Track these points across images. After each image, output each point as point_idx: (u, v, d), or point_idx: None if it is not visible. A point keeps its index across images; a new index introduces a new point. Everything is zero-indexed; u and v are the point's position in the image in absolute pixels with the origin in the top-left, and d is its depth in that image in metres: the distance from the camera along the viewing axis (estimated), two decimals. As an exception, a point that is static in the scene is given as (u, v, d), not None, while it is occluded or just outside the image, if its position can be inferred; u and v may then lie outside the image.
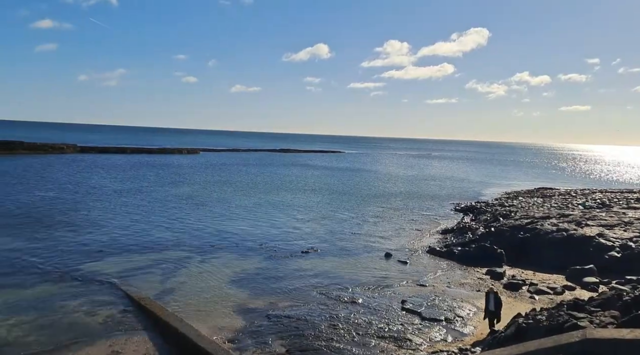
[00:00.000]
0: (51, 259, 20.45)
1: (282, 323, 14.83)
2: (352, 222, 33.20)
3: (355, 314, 15.80)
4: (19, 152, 77.43)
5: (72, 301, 15.86)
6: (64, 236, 24.64)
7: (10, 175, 48.80)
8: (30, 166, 58.68)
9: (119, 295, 16.67)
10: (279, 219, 32.88)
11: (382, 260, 23.23)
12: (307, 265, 21.64)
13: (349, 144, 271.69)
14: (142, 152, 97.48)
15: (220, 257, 22.45)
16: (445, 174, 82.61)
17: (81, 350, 12.39)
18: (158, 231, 27.09)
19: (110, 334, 13.49)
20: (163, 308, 15.35)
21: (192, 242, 24.94)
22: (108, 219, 29.67)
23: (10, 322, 13.84)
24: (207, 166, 74.83)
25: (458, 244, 26.10)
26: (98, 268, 19.61)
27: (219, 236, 26.70)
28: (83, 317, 14.66)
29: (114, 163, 70.37)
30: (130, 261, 20.98)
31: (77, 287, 17.33)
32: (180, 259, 21.69)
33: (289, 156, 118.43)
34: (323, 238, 27.49)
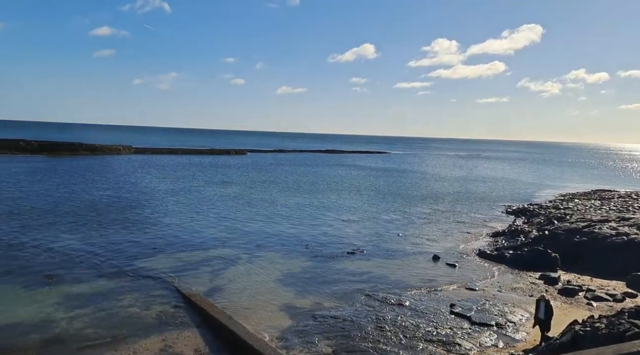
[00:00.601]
0: (108, 255, 21.41)
1: (328, 323, 14.85)
2: (399, 223, 32.82)
3: (402, 316, 15.60)
4: (80, 153, 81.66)
5: (127, 296, 16.52)
6: (120, 233, 25.73)
7: (73, 174, 51.52)
8: (90, 166, 61.72)
9: (171, 291, 17.21)
10: (324, 219, 32.97)
11: (429, 263, 22.82)
12: (353, 266, 21.57)
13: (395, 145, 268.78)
14: (193, 153, 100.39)
15: (266, 256, 22.76)
16: (495, 175, 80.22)
17: (136, 343, 12.88)
18: (207, 230, 27.78)
19: (163, 329, 13.96)
20: (212, 305, 15.73)
21: (240, 241, 25.42)
22: (160, 217, 30.74)
23: (70, 315, 14.59)
24: (254, 167, 76.13)
25: (509, 248, 25.26)
26: (151, 264, 20.35)
27: (265, 235, 27.08)
28: (138, 311, 15.23)
29: (166, 163, 72.86)
30: (181, 258, 21.63)
31: (132, 282, 18.03)
32: (228, 257, 22.15)
33: (335, 157, 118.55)
34: (369, 239, 27.33)
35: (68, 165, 61.74)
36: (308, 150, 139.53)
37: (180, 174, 58.31)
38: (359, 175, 70.10)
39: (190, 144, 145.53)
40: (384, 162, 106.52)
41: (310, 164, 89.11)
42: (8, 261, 19.73)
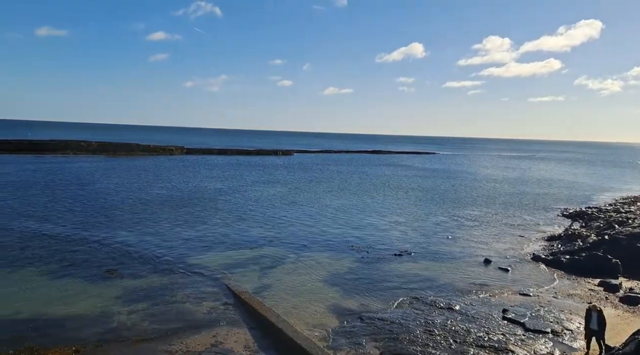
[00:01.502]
0: (162, 252, 22.19)
1: (376, 325, 14.74)
2: (447, 225, 32.14)
3: (452, 320, 15.26)
4: (136, 154, 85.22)
5: (179, 292, 17.06)
6: (173, 231, 26.61)
7: (129, 174, 53.82)
8: (145, 166, 64.24)
9: (221, 289, 17.62)
10: (371, 220, 32.76)
11: (480, 267, 22.20)
12: (401, 268, 21.31)
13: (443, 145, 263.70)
14: (241, 154, 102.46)
15: (313, 256, 22.87)
16: (551, 176, 77.06)
17: (188, 338, 13.27)
18: (255, 229, 28.25)
19: (213, 325, 14.32)
20: (261, 303, 15.97)
21: (287, 241, 25.68)
22: (211, 215, 31.55)
23: (128, 309, 15.22)
24: (300, 167, 76.76)
25: (566, 252, 24.18)
26: (202, 262, 20.92)
27: (311, 235, 27.23)
28: (190, 307, 15.70)
29: (216, 163, 74.75)
30: (231, 256, 22.11)
31: (184, 278, 18.61)
32: (275, 257, 22.44)
33: (381, 157, 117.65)
34: (417, 241, 26.92)
35: (125, 165, 64.54)
36: (354, 151, 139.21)
37: (229, 174, 59.63)
38: (405, 176, 69.22)
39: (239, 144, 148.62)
40: (432, 162, 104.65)
41: (357, 164, 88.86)
42: (72, 255, 20.85)
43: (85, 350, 12.18)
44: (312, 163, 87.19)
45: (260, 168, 71.13)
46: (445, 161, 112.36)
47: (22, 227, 25.67)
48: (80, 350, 12.11)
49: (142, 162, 71.58)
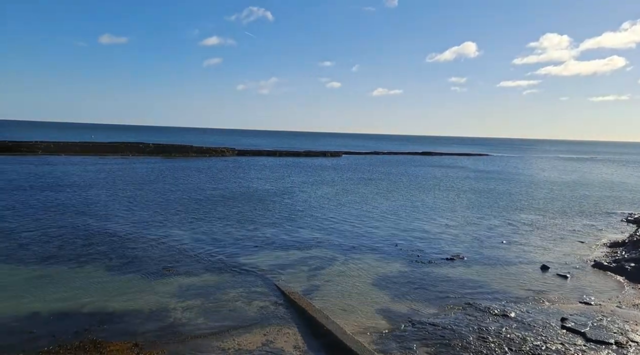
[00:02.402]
0: (215, 250, 22.81)
1: (427, 330, 14.49)
2: (502, 230, 31.12)
3: (507, 328, 14.76)
4: (190, 155, 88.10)
5: (231, 290, 17.46)
6: (225, 230, 27.27)
7: (184, 174, 55.72)
8: (199, 167, 66.29)
9: (271, 288, 17.88)
10: (421, 222, 32.24)
11: (537, 273, 21.34)
12: (453, 273, 20.84)
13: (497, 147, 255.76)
14: (290, 155, 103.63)
15: (361, 258, 22.78)
16: (613, 179, 73.01)
17: (240, 336, 13.56)
18: (304, 230, 28.48)
19: (264, 323, 14.55)
20: (310, 303, 16.08)
21: (335, 242, 25.72)
22: (260, 215, 32.09)
23: (183, 305, 15.75)
24: (348, 168, 76.67)
25: (631, 259, 22.80)
26: (253, 261, 21.31)
27: (359, 237, 27.13)
28: (241, 305, 16.03)
29: (266, 165, 76.02)
30: (280, 256, 22.40)
31: (236, 277, 19.03)
32: (324, 258, 22.52)
33: (432, 159, 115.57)
34: (469, 245, 26.24)
35: (179, 166, 66.86)
36: (404, 152, 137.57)
37: (278, 175, 60.46)
38: (457, 177, 67.63)
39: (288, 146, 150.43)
40: (485, 164, 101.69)
41: (406, 165, 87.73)
42: (131, 252, 21.81)
43: (144, 344, 12.70)
44: (360, 164, 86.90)
45: (309, 169, 71.65)
46: (498, 163, 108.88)
47: (85, 225, 27.11)
48: (139, 344, 12.63)
49: (195, 163, 73.91)
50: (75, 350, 12.08)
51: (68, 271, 18.77)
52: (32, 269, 18.84)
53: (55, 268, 19.07)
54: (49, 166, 59.09)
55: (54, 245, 22.41)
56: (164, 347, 12.64)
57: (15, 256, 20.38)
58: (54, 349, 12.18)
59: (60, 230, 25.59)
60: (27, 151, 77.18)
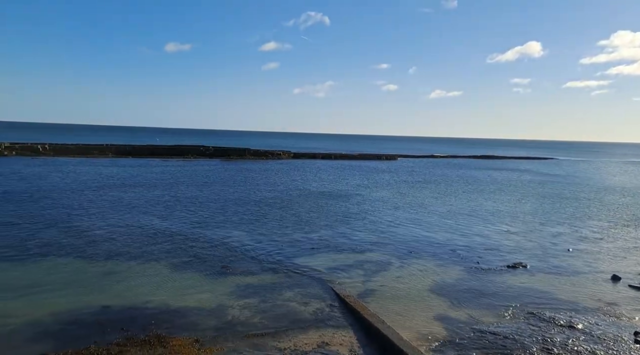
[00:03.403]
0: (272, 251, 23.21)
1: (487, 339, 14.01)
2: (568, 237, 29.58)
3: (574, 340, 14.00)
4: (247, 158, 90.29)
5: (287, 291, 17.69)
6: (281, 231, 27.69)
7: (242, 176, 57.18)
8: (256, 169, 67.77)
9: (326, 290, 17.94)
10: (480, 228, 31.25)
11: (607, 284, 20.10)
12: (514, 281, 20.04)
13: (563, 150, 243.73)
14: (345, 158, 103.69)
15: (418, 263, 22.38)
16: (693, 185, 67.47)
17: (296, 337, 13.70)
18: (359, 233, 28.38)
19: (319, 325, 14.62)
20: (366, 307, 15.98)
21: (391, 246, 25.44)
22: (315, 218, 32.32)
23: (240, 303, 16.13)
24: (404, 171, 75.67)
25: None
26: (308, 263, 21.49)
27: (416, 241, 26.68)
28: (297, 306, 16.20)
29: (321, 167, 76.49)
30: (335, 259, 22.43)
31: (292, 278, 19.26)
32: (379, 262, 22.33)
33: (492, 162, 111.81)
34: (532, 253, 25.13)
35: (237, 168, 68.67)
36: (462, 156, 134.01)
37: (333, 177, 60.64)
38: (519, 182, 65.03)
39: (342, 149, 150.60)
40: (550, 168, 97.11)
41: (464, 169, 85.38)
42: (191, 251, 22.63)
43: (204, 340, 13.12)
44: (416, 168, 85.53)
45: (364, 172, 71.37)
46: (565, 167, 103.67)
47: (148, 224, 28.40)
48: (200, 340, 13.07)
49: (252, 165, 75.63)
50: (142, 344, 12.67)
51: (134, 267, 19.74)
52: (102, 265, 19.97)
53: (122, 264, 20.11)
54: (117, 168, 62.48)
55: (120, 243, 23.65)
56: (223, 343, 13.00)
57: (86, 253, 21.69)
58: (122, 341, 12.84)
59: (126, 228, 26.97)
60: (98, 154, 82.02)
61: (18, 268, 19.03)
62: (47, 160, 68.22)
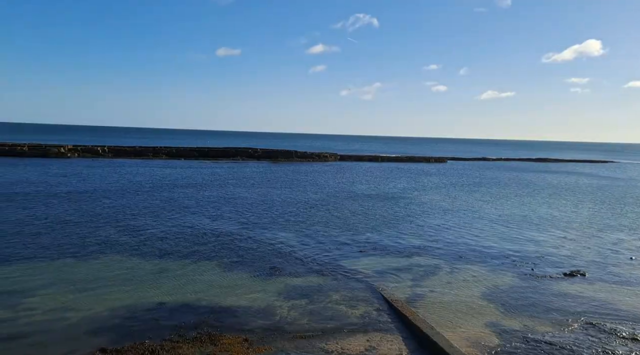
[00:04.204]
0: (319, 253, 23.27)
1: (542, 349, 13.42)
2: (630, 244, 27.94)
3: (637, 353, 13.17)
4: (294, 160, 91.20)
5: (334, 293, 17.67)
6: (327, 234, 27.71)
7: (289, 178, 57.81)
8: (303, 171, 68.31)
9: (373, 294, 17.78)
10: (534, 233, 30.06)
11: (675, 295, 18.81)
12: (572, 290, 19.12)
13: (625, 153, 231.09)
14: (392, 161, 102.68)
15: (469, 268, 21.79)
16: None
17: (343, 340, 13.65)
18: (408, 236, 27.97)
19: (367, 329, 14.50)
20: (414, 312, 15.71)
21: (440, 250, 24.91)
22: (362, 221, 32.14)
23: (288, 304, 16.26)
24: (454, 174, 74.00)
25: None
26: (355, 266, 21.38)
27: (466, 246, 26.00)
28: (344, 309, 16.15)
29: (368, 170, 76.10)
30: (382, 263, 22.20)
31: (339, 281, 19.22)
32: (428, 266, 21.91)
33: (547, 166, 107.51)
34: (591, 260, 23.91)
35: (284, 170, 69.46)
36: (515, 159, 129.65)
37: (380, 180, 60.15)
38: (576, 186, 62.14)
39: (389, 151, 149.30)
40: (610, 172, 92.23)
41: (517, 172, 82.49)
42: (240, 251, 23.06)
43: (253, 339, 13.31)
44: (466, 171, 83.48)
45: (412, 175, 70.40)
46: (626, 171, 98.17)
47: (198, 223, 29.18)
48: (249, 339, 13.27)
49: (299, 167, 76.27)
50: (193, 341, 13.02)
51: (185, 266, 20.33)
52: (155, 262, 20.69)
53: (174, 263, 20.76)
54: (170, 169, 64.68)
55: (172, 242, 24.43)
56: (271, 343, 13.14)
57: (141, 251, 22.55)
58: (174, 338, 13.24)
59: (177, 228, 27.83)
60: (153, 156, 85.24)
61: (78, 264, 20.04)
62: (106, 162, 71.62)
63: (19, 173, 51.80)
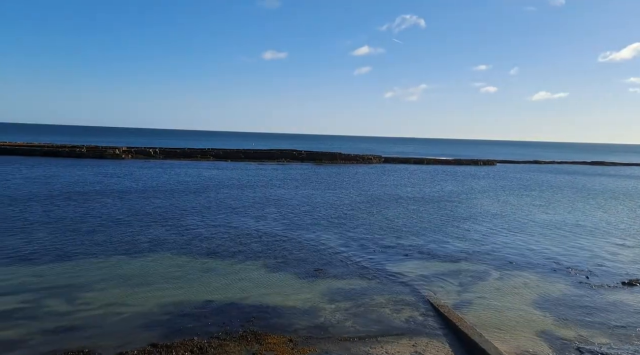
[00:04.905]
0: (361, 256, 23.10)
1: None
2: (697, 253, 26.15)
3: None
4: (338, 162, 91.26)
5: (379, 296, 17.50)
6: (371, 237, 27.49)
7: (332, 180, 57.88)
8: (346, 173, 68.22)
9: (419, 299, 17.48)
10: (589, 240, 28.67)
11: None
12: (631, 300, 18.09)
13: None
14: (439, 163, 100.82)
15: (519, 274, 21.05)
16: None
17: (388, 344, 13.48)
18: (453, 241, 27.35)
19: (412, 334, 14.27)
20: (462, 318, 15.32)
21: (488, 256, 24.20)
22: (407, 224, 31.69)
23: (332, 306, 16.25)
24: (503, 177, 71.79)
25: None
26: (400, 270, 21.09)
27: (516, 252, 25.12)
28: (389, 313, 15.96)
29: (412, 172, 75.04)
30: (428, 268, 21.78)
31: (383, 284, 19.02)
32: (476, 271, 21.33)
33: (604, 169, 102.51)
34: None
35: (327, 172, 69.58)
36: (569, 162, 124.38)
37: (425, 183, 59.17)
38: (635, 190, 58.85)
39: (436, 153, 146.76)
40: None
41: (572, 175, 79.04)
42: (283, 252, 23.26)
43: (298, 340, 13.37)
44: (517, 173, 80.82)
45: (459, 178, 68.86)
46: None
47: (243, 224, 29.66)
48: (294, 340, 13.35)
49: (342, 169, 76.22)
50: (240, 339, 13.23)
51: (231, 265, 20.71)
52: (203, 261, 21.20)
53: (220, 262, 21.20)
54: (217, 170, 66.20)
55: (217, 241, 24.94)
56: (316, 345, 13.16)
57: (189, 249, 23.16)
58: (221, 336, 13.51)
59: (223, 227, 28.39)
60: (201, 157, 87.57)
61: (130, 261, 20.82)
62: (157, 163, 74.16)
63: (77, 173, 54.49)
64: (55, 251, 21.78)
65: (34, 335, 13.14)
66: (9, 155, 75.98)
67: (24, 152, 79.46)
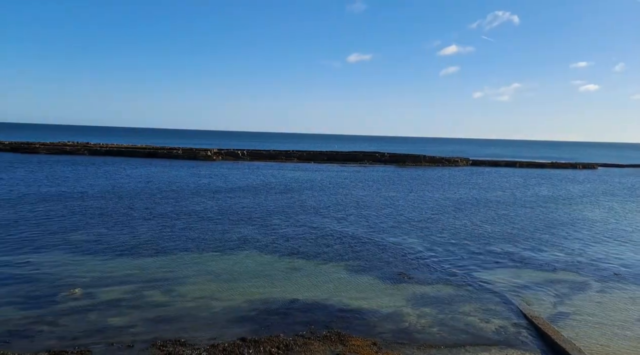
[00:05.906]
0: (448, 261, 22.39)
1: None
2: None
3: None
4: (422, 164, 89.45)
5: (466, 304, 16.83)
6: (458, 242, 26.54)
7: (416, 183, 56.80)
8: (430, 176, 66.58)
9: (510, 308, 16.58)
10: None
11: None
12: None
13: None
14: (533, 166, 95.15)
15: (625, 288, 19.22)
16: None
17: (477, 354, 12.91)
18: (549, 248, 25.62)
19: (503, 345, 13.54)
20: (558, 332, 14.30)
21: (588, 266, 22.36)
22: (497, 230, 30.17)
23: (417, 312, 15.89)
24: (606, 182, 66.10)
25: None
26: (489, 278, 20.14)
27: (622, 263, 22.98)
28: (477, 321, 15.29)
29: (503, 175, 71.47)
30: (521, 276, 20.57)
31: (470, 292, 18.27)
32: (574, 283, 19.80)
33: None
34: None
35: (410, 175, 68.35)
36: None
37: (517, 187, 56.04)
38: None
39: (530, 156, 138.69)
40: None
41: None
42: (365, 254, 23.17)
43: (382, 344, 13.23)
44: (622, 178, 74.08)
45: (555, 182, 64.47)
46: None
47: (326, 225, 29.93)
48: (377, 343, 13.22)
49: (427, 172, 74.45)
50: (324, 339, 13.36)
51: (314, 265, 21.00)
52: (288, 260, 21.71)
53: (304, 262, 21.57)
54: (300, 172, 67.61)
55: (301, 241, 25.38)
56: (400, 349, 12.93)
57: (274, 248, 23.83)
58: (306, 334, 13.73)
59: (306, 228, 28.86)
60: (285, 159, 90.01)
61: (220, 257, 21.85)
62: (245, 165, 77.35)
63: (174, 173, 58.35)
64: (154, 246, 23.44)
65: (137, 323, 14.22)
66: (115, 156, 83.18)
67: (129, 153, 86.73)
